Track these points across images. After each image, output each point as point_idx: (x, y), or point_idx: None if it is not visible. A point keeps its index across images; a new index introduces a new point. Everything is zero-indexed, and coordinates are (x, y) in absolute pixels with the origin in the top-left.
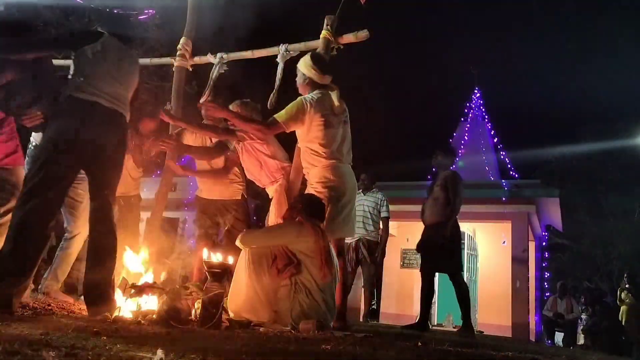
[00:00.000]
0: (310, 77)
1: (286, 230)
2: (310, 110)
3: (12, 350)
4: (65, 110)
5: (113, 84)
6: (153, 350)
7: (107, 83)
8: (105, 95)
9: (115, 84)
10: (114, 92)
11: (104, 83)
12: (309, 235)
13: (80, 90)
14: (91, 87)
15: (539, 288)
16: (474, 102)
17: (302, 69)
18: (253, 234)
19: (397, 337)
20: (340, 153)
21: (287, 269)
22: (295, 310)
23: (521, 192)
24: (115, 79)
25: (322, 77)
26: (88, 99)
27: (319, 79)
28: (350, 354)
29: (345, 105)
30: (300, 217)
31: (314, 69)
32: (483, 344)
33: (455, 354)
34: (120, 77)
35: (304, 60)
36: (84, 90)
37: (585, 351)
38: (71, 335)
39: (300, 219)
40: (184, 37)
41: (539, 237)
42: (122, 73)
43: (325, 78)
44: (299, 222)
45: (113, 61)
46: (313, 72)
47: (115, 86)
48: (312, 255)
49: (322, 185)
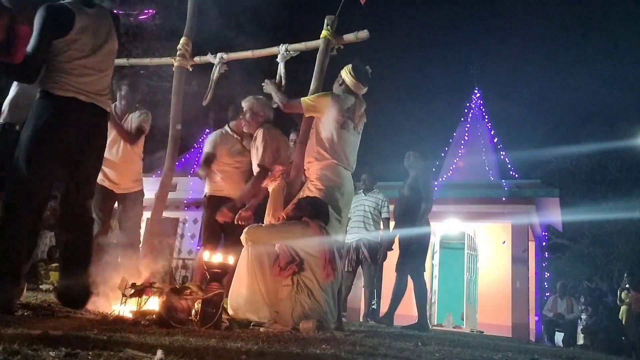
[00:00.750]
0: (344, 80)
1: (292, 229)
2: (333, 103)
3: (12, 350)
4: (43, 108)
5: (91, 77)
6: (153, 350)
7: (84, 79)
8: (83, 91)
9: (94, 76)
10: (94, 85)
11: (82, 79)
12: (314, 234)
13: (58, 87)
14: (69, 83)
15: (539, 288)
16: (474, 102)
17: (341, 71)
18: (259, 229)
19: (397, 337)
20: (346, 157)
21: (288, 267)
22: (296, 311)
23: (521, 192)
24: (96, 68)
25: (355, 83)
26: (65, 95)
27: (352, 85)
28: (350, 354)
29: (365, 120)
30: (305, 217)
31: (350, 74)
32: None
33: (455, 354)
34: (101, 64)
35: (346, 65)
36: (60, 86)
37: (585, 351)
38: (71, 335)
39: (306, 219)
40: (184, 37)
41: (539, 237)
42: (103, 58)
43: (359, 86)
44: (305, 222)
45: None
46: (349, 77)
47: (95, 77)
48: (316, 254)
49: (321, 183)
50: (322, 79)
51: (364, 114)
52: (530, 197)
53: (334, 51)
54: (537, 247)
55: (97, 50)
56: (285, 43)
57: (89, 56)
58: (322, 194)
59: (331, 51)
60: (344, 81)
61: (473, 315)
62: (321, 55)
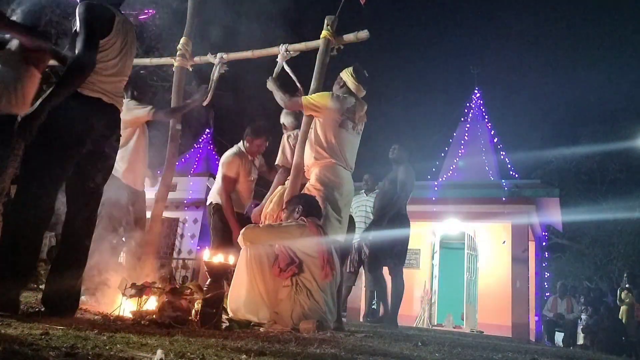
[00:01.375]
0: (345, 81)
1: (290, 230)
2: (334, 103)
3: (12, 350)
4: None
5: (115, 78)
6: (153, 350)
7: (110, 79)
8: (107, 92)
9: (118, 78)
10: (116, 88)
11: (108, 79)
12: (312, 234)
13: (85, 87)
14: (96, 84)
15: (539, 288)
16: (474, 102)
17: (341, 74)
18: (256, 230)
19: (397, 337)
20: (345, 158)
21: (289, 269)
22: (295, 311)
23: (521, 192)
24: (120, 72)
25: (357, 85)
26: (91, 96)
27: (354, 87)
28: (350, 354)
29: (365, 120)
30: (301, 217)
31: (352, 76)
32: (483, 344)
33: (455, 354)
34: (125, 68)
35: (346, 68)
36: (88, 86)
37: (585, 351)
38: (71, 335)
39: (303, 219)
40: (184, 37)
41: (539, 237)
42: (126, 62)
43: (359, 88)
44: (302, 222)
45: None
46: (350, 79)
47: (117, 80)
48: (314, 254)
49: (321, 184)
50: (322, 79)
51: (364, 115)
52: (530, 197)
53: (334, 51)
54: (537, 247)
55: (125, 52)
56: (286, 43)
57: (118, 58)
58: (322, 194)
59: (331, 51)
60: (344, 83)
61: (473, 315)
62: (321, 55)
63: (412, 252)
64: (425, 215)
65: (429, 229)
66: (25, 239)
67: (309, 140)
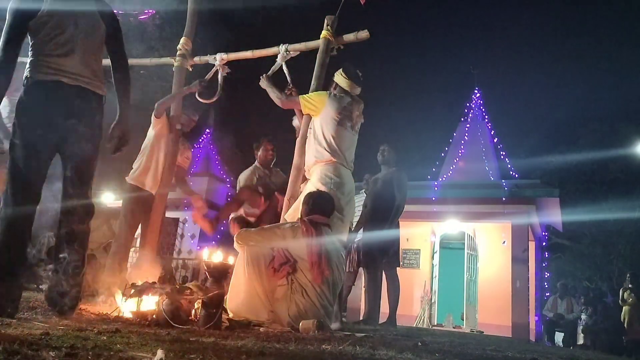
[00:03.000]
0: (337, 83)
1: (282, 232)
2: (331, 102)
3: (12, 350)
4: (28, 95)
5: (75, 56)
6: (153, 350)
7: (66, 57)
8: (67, 73)
9: (77, 56)
10: (78, 67)
11: (64, 58)
12: (302, 236)
13: (39, 71)
14: (51, 66)
15: (539, 288)
16: (474, 102)
17: (334, 77)
18: (250, 233)
19: (397, 337)
20: (344, 156)
21: (282, 268)
22: (292, 310)
23: (521, 192)
24: (78, 50)
25: (349, 83)
26: (49, 79)
27: (346, 86)
28: (350, 354)
29: (362, 120)
30: (299, 218)
31: (342, 75)
32: (483, 344)
33: (455, 354)
34: (83, 45)
35: (337, 71)
36: (42, 70)
37: (585, 351)
38: (71, 335)
39: (299, 219)
40: (184, 37)
41: (539, 237)
42: (83, 39)
43: (353, 86)
44: (297, 225)
45: (69, 27)
46: (341, 78)
47: (76, 59)
48: (305, 257)
49: (322, 183)
50: (322, 79)
51: (361, 115)
52: (530, 197)
53: (334, 51)
54: (537, 247)
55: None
56: (285, 43)
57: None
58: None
59: (331, 51)
60: (337, 84)
61: (473, 315)
62: (321, 55)
63: (412, 252)
64: (425, 215)
65: (429, 229)
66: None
67: (309, 141)
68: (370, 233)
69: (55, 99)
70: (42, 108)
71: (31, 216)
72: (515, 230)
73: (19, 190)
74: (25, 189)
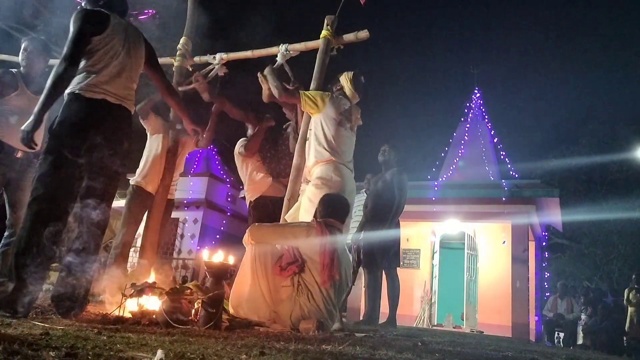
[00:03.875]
0: (343, 86)
1: (295, 231)
2: (332, 103)
3: (12, 350)
4: (72, 109)
5: (119, 79)
6: (153, 350)
7: (114, 80)
8: (111, 93)
9: (122, 78)
10: (121, 88)
11: (111, 80)
12: (317, 236)
13: (88, 89)
14: (99, 86)
15: (539, 288)
16: (474, 102)
17: (341, 77)
18: (262, 228)
19: (397, 337)
20: (344, 156)
21: (289, 267)
22: (295, 313)
23: (521, 192)
24: (124, 73)
25: (352, 92)
26: (95, 97)
27: (350, 94)
28: (350, 354)
29: (360, 124)
30: (315, 218)
31: (350, 83)
32: (483, 344)
33: (455, 354)
34: (130, 70)
35: (347, 72)
36: (91, 88)
37: (585, 351)
38: (71, 335)
39: (315, 220)
40: (184, 37)
41: (539, 237)
42: (130, 63)
43: (355, 96)
44: (310, 224)
45: (120, 50)
46: (348, 85)
47: (123, 81)
48: (316, 257)
49: (322, 182)
50: (322, 79)
51: (359, 119)
52: (530, 197)
53: (334, 51)
54: (537, 247)
55: (127, 53)
56: (285, 43)
57: (119, 58)
58: (323, 193)
59: (331, 51)
60: (342, 87)
61: (473, 315)
62: (321, 55)
63: (412, 252)
64: (425, 215)
65: (429, 229)
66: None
67: (309, 141)
68: (371, 233)
69: (98, 116)
70: (85, 123)
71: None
72: (515, 230)
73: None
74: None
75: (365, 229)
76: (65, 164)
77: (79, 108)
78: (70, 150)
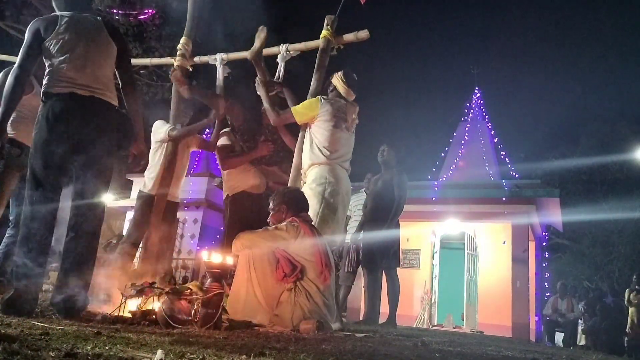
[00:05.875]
0: (335, 86)
1: (284, 234)
2: (324, 105)
3: (12, 350)
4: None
5: (85, 71)
6: (153, 350)
7: (79, 72)
8: (80, 85)
9: (88, 69)
10: (91, 79)
11: (76, 71)
12: (307, 236)
13: (55, 85)
14: (64, 79)
15: (539, 288)
16: (474, 102)
17: (332, 79)
18: (252, 234)
19: (397, 337)
20: (341, 157)
21: (294, 274)
22: (296, 314)
23: (521, 192)
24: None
25: (346, 90)
26: (63, 92)
27: (343, 91)
28: (350, 354)
29: (357, 122)
30: (292, 217)
31: (342, 80)
32: (483, 344)
33: (455, 354)
34: (93, 59)
35: (336, 73)
36: (57, 84)
37: (586, 351)
38: (71, 335)
39: (294, 219)
40: (184, 37)
41: (539, 237)
42: (93, 53)
43: (349, 92)
44: (297, 225)
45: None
46: (340, 83)
47: (89, 72)
48: (311, 258)
49: (317, 184)
50: (322, 79)
51: (356, 118)
52: (530, 197)
53: (334, 51)
54: (537, 247)
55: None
56: (286, 43)
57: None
58: (319, 194)
59: (331, 51)
60: (334, 87)
61: (473, 315)
62: (321, 55)
63: (412, 252)
64: (425, 215)
65: (429, 229)
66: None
67: (305, 144)
68: (370, 233)
69: (70, 109)
70: (59, 118)
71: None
72: (515, 231)
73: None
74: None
75: (364, 229)
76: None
77: (50, 105)
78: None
